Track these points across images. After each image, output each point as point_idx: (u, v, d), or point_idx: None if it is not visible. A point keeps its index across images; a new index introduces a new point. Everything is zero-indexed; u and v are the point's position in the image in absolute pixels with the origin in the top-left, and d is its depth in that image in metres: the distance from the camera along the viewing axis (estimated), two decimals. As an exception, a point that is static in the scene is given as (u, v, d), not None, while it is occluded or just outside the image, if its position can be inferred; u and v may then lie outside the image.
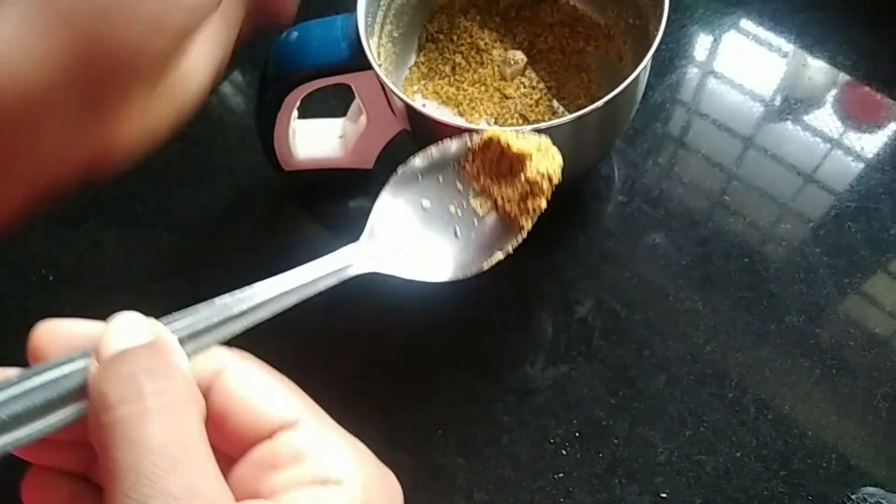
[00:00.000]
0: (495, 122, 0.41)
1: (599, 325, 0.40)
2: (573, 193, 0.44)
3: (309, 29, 0.37)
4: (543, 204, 0.30)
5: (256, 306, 0.21)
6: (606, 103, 0.32)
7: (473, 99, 0.42)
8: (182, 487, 0.15)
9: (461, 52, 0.43)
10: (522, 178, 0.29)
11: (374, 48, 0.38)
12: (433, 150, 0.30)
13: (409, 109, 0.34)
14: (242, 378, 0.19)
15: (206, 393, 0.19)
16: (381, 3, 0.39)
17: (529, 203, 0.29)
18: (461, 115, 0.42)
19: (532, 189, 0.29)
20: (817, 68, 0.47)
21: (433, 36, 0.44)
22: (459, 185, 0.30)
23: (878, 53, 0.47)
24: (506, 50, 0.43)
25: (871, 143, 0.44)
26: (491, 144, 0.29)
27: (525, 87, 0.42)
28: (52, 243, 0.46)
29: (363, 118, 0.40)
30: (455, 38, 0.44)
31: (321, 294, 0.23)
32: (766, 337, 0.39)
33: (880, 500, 0.34)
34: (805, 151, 0.44)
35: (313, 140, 0.43)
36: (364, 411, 0.40)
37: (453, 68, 0.43)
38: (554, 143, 0.35)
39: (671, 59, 0.48)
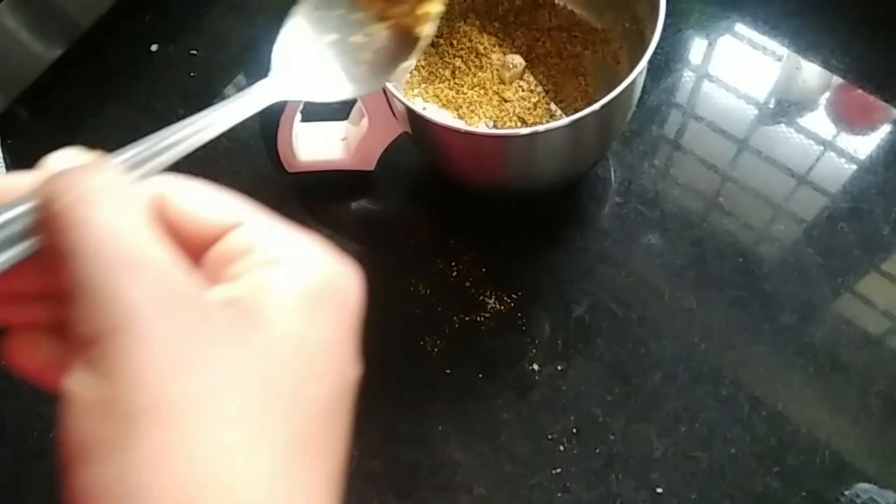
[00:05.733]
0: (494, 125, 0.42)
1: (596, 324, 0.41)
2: (570, 195, 0.45)
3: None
4: (439, 6, 0.30)
5: (186, 136, 0.22)
6: (603, 106, 0.33)
7: (473, 102, 0.43)
8: (130, 255, 0.16)
9: (461, 57, 0.44)
10: None
11: (376, 52, 0.39)
12: None
13: (410, 112, 0.35)
14: (185, 193, 0.20)
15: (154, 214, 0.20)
16: (383, 9, 0.40)
17: (426, 7, 0.30)
18: (461, 117, 0.43)
19: None
20: (811, 71, 0.47)
21: (433, 40, 0.45)
22: (357, 17, 0.30)
23: (870, 57, 0.47)
24: (504, 54, 0.44)
25: (863, 145, 0.44)
26: None
27: (523, 90, 0.43)
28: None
29: (365, 121, 0.41)
30: (455, 42, 0.44)
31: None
32: (760, 335, 0.40)
33: (873, 496, 0.35)
34: (799, 153, 0.45)
35: (316, 142, 0.43)
36: (364, 409, 0.40)
37: (453, 72, 0.44)
38: (552, 146, 0.36)
39: (667, 62, 0.49)
